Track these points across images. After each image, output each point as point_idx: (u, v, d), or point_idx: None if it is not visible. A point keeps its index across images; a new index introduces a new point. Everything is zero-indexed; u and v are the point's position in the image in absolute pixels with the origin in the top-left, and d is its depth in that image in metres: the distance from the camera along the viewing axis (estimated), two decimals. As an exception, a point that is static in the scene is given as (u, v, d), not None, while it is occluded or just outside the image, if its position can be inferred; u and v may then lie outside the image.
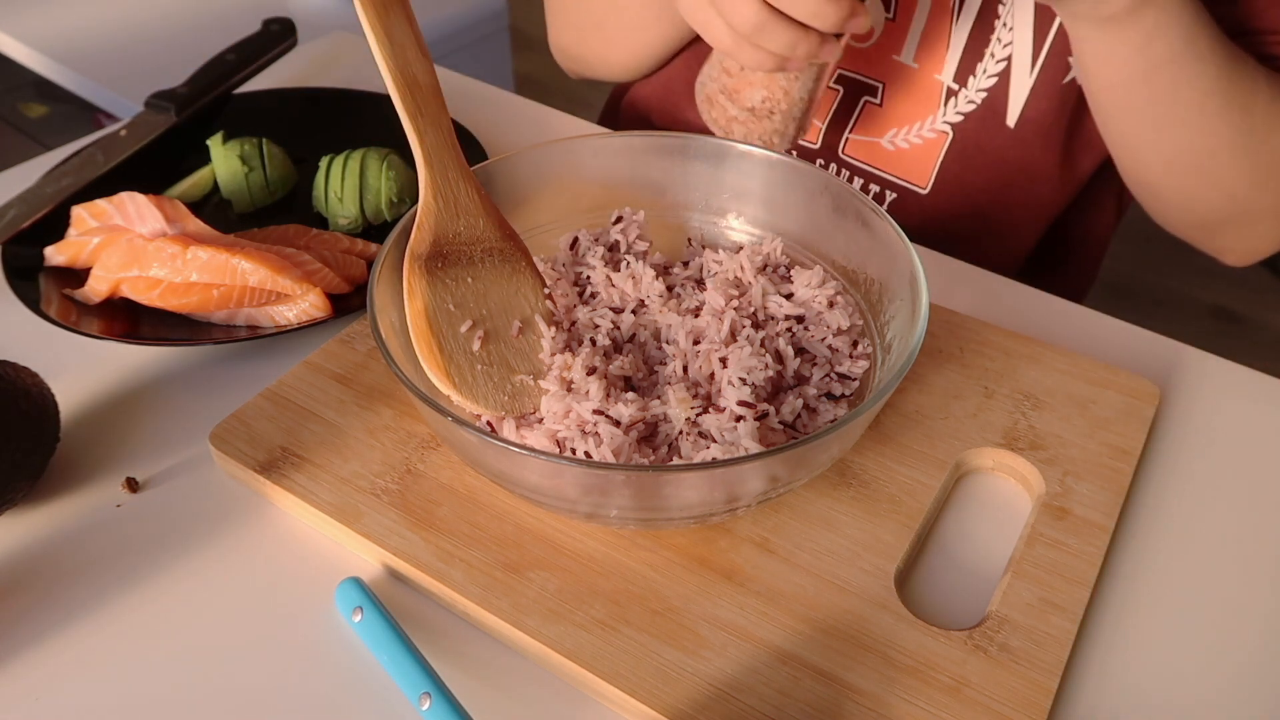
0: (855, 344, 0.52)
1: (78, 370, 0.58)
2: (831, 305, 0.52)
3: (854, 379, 0.51)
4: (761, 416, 0.47)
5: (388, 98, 0.81)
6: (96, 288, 0.61)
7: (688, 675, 0.43)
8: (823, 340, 0.52)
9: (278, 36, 0.83)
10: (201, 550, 0.49)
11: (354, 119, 0.79)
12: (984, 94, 0.72)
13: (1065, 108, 0.71)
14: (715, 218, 0.59)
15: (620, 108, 0.92)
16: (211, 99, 0.77)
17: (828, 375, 0.51)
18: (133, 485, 0.52)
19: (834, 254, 0.55)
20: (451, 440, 0.45)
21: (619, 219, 0.57)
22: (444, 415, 0.41)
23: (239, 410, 0.54)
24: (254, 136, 0.73)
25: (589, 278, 0.55)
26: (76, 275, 0.63)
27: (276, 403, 0.54)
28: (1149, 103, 0.62)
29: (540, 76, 2.62)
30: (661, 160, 0.59)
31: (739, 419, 0.46)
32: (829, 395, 0.50)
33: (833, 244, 0.55)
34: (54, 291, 0.62)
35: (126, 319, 0.61)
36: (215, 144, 0.72)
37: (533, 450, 0.42)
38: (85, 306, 0.61)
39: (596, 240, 0.57)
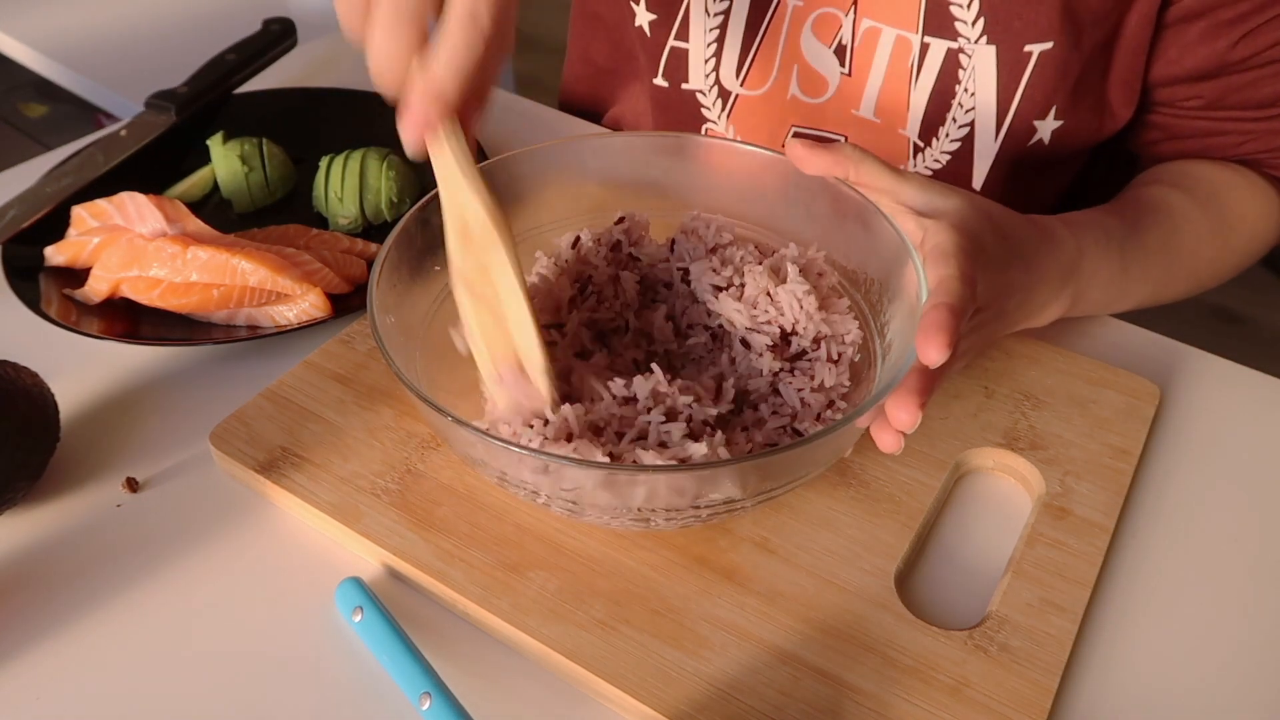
0: (830, 404, 0.50)
1: (78, 370, 0.58)
2: (828, 358, 0.50)
3: (801, 435, 0.48)
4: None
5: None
6: (96, 288, 0.61)
7: (688, 675, 0.43)
8: (799, 391, 0.50)
9: (278, 36, 0.83)
10: (201, 550, 0.49)
11: (354, 119, 0.79)
12: (949, 156, 0.70)
13: (1033, 172, 0.70)
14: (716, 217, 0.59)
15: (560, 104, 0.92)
16: (211, 99, 0.77)
17: (783, 428, 0.49)
18: (133, 485, 0.52)
19: (834, 254, 0.55)
20: (452, 440, 0.45)
21: (621, 219, 0.57)
22: (444, 415, 0.42)
23: (239, 410, 0.54)
24: (254, 136, 0.73)
25: (590, 277, 0.55)
26: (76, 275, 0.63)
27: (276, 403, 0.54)
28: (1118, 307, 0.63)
29: (540, 76, 2.62)
30: (662, 160, 0.58)
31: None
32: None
33: (833, 244, 0.55)
34: (54, 291, 0.62)
35: (126, 319, 0.61)
36: (215, 144, 0.72)
37: (532, 450, 0.42)
38: (85, 306, 0.61)
39: (599, 241, 0.56)
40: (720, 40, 0.72)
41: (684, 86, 0.75)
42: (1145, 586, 0.48)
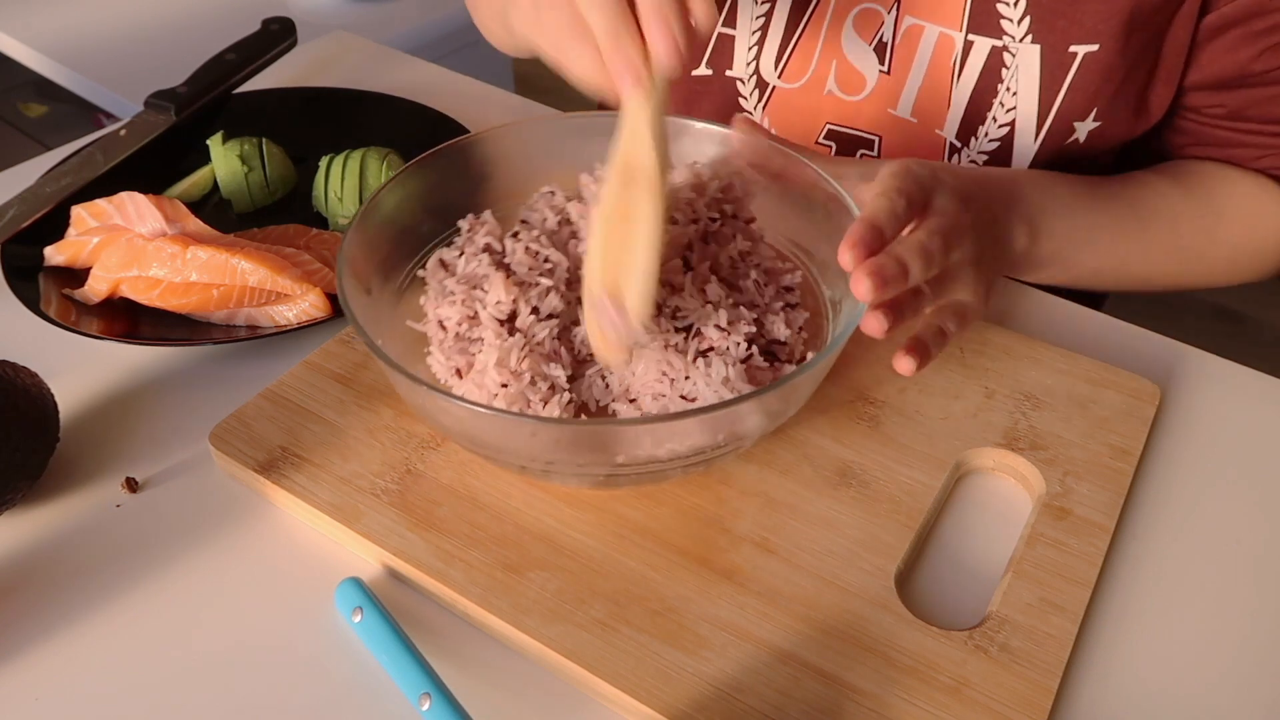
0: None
1: (78, 370, 0.58)
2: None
3: (794, 289, 0.53)
4: (749, 353, 0.48)
5: (387, 97, 0.81)
6: (96, 288, 0.61)
7: (688, 675, 0.43)
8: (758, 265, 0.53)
9: (278, 36, 0.82)
10: (201, 550, 0.49)
11: (354, 119, 0.79)
12: (985, 156, 0.70)
13: (1064, 170, 0.70)
14: None
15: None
16: (211, 99, 0.77)
17: (775, 288, 0.52)
18: (132, 485, 0.52)
19: (787, 229, 0.57)
20: (424, 409, 0.46)
21: (551, 191, 0.57)
22: (416, 382, 0.42)
23: (239, 410, 0.54)
24: (254, 136, 0.73)
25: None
26: (76, 275, 0.63)
27: (276, 403, 0.54)
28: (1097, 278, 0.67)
29: (540, 76, 2.62)
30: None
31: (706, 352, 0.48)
32: (788, 305, 0.52)
33: (785, 217, 0.56)
34: (54, 291, 0.62)
35: (126, 319, 0.61)
36: (215, 144, 0.72)
37: (530, 414, 0.43)
38: (85, 306, 0.61)
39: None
40: (764, 29, 0.72)
41: (728, 73, 0.75)
42: (1145, 586, 0.48)
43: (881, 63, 0.69)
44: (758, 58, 0.73)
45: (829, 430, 0.53)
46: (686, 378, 0.47)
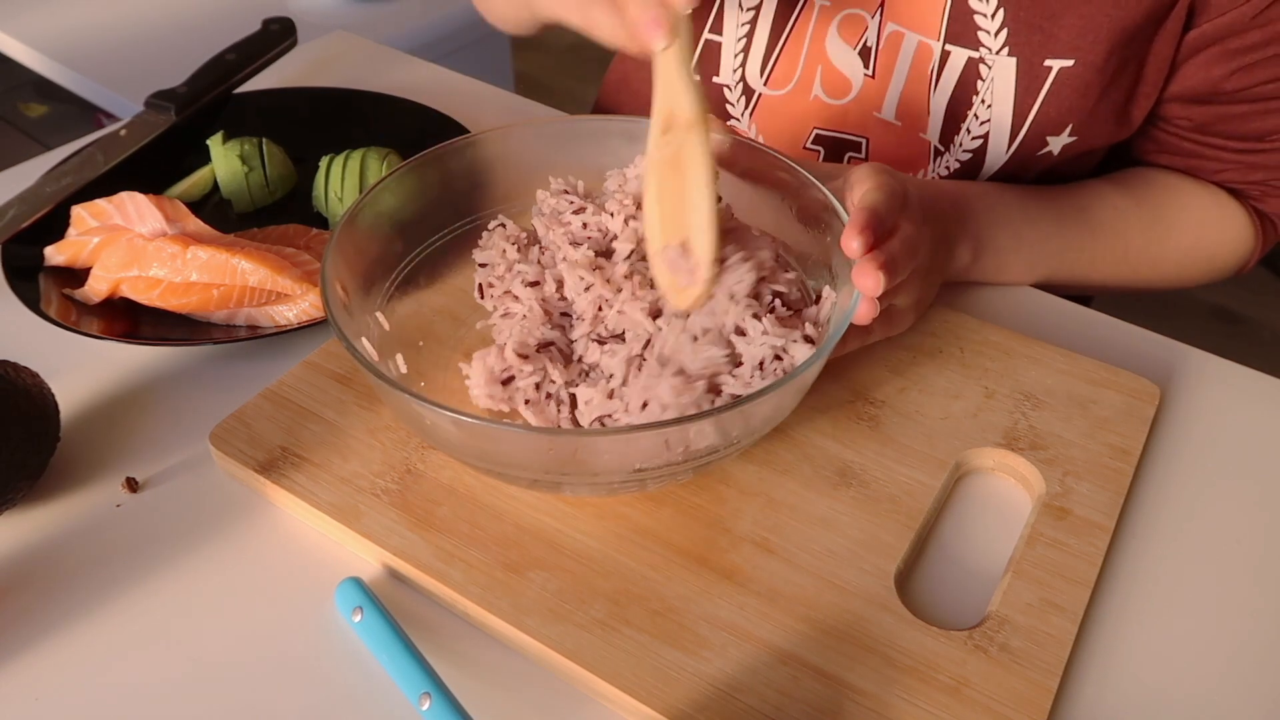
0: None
1: (78, 370, 0.58)
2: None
3: (788, 292, 0.52)
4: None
5: (387, 97, 0.81)
6: (96, 288, 0.61)
7: (688, 675, 0.43)
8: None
9: (278, 36, 0.82)
10: (201, 550, 0.49)
11: (354, 119, 0.79)
12: (959, 164, 0.70)
13: (1035, 180, 0.71)
14: None
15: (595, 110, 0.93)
16: (211, 99, 0.77)
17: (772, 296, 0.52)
18: (133, 485, 0.52)
19: (765, 229, 0.56)
20: (395, 407, 0.46)
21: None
22: (426, 403, 0.42)
23: (239, 410, 0.54)
24: (254, 136, 0.73)
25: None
26: (76, 275, 0.63)
27: (276, 403, 0.54)
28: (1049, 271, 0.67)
29: (540, 76, 2.62)
30: (620, 144, 0.59)
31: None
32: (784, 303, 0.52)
33: (759, 221, 0.56)
34: (54, 291, 0.62)
35: (126, 319, 0.61)
36: (215, 144, 0.72)
37: (510, 423, 0.42)
38: (85, 306, 0.61)
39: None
40: (750, 36, 0.72)
41: (715, 80, 0.75)
42: (1145, 586, 0.48)
43: (866, 66, 0.70)
44: (743, 64, 0.73)
45: (829, 430, 0.53)
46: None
